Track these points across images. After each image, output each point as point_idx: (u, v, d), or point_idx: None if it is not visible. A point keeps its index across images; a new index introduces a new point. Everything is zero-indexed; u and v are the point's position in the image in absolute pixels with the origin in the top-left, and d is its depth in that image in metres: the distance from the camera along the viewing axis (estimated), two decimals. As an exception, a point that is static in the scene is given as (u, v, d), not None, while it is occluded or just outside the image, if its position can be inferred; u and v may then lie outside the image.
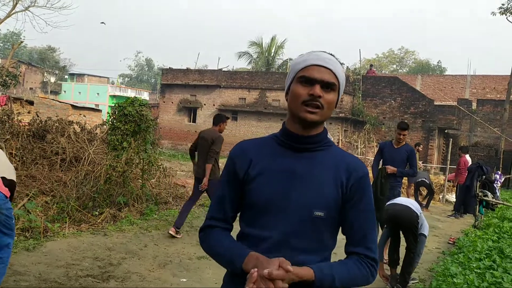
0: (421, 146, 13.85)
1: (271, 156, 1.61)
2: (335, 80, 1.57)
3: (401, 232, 5.45)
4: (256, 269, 1.39)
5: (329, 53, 1.62)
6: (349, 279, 1.50)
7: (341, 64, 1.64)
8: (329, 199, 1.55)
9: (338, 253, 1.74)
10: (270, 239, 1.54)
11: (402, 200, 5.50)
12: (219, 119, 6.79)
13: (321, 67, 1.55)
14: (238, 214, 1.72)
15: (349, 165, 1.60)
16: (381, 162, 6.64)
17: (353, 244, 1.58)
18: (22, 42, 26.07)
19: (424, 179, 12.16)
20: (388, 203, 5.56)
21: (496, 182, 12.94)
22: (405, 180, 10.69)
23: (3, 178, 3.37)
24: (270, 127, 23.76)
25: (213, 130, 6.68)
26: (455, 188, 13.36)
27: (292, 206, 1.54)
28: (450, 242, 8.29)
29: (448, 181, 14.29)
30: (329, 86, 1.55)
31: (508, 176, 20.59)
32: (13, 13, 22.36)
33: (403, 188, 9.45)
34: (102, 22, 23.80)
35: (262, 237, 1.55)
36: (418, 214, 5.22)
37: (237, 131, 25.11)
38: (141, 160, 8.42)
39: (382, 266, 5.50)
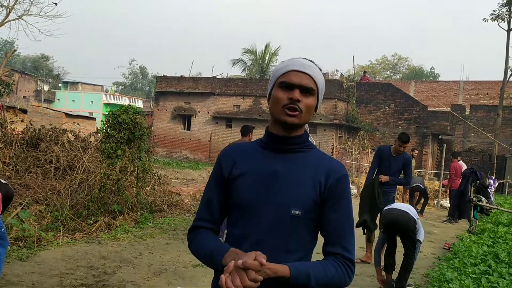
0: (416, 151, 13.94)
1: (254, 158, 1.67)
2: (314, 85, 1.63)
3: (397, 238, 5.46)
4: (233, 261, 1.42)
5: (309, 60, 1.69)
6: (325, 279, 1.52)
7: (321, 69, 1.71)
8: (307, 198, 1.59)
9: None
10: (250, 238, 1.59)
11: (399, 205, 5.51)
12: (248, 129, 7.16)
13: (300, 72, 1.62)
14: None
15: (329, 166, 1.65)
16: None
17: (330, 244, 1.62)
18: (15, 50, 26.03)
19: (418, 184, 12.20)
20: (386, 208, 5.59)
21: (490, 187, 12.97)
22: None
23: None
24: (265, 134, 23.76)
25: (245, 141, 6.93)
26: (448, 193, 13.43)
27: (271, 205, 1.59)
28: (445, 247, 8.30)
29: (443, 186, 14.35)
30: (308, 91, 1.61)
31: (502, 181, 20.68)
32: (6, 22, 22.31)
33: (397, 194, 9.48)
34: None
35: (243, 236, 1.61)
36: (416, 219, 5.24)
37: (232, 138, 25.07)
38: (136, 168, 8.39)
39: (380, 271, 5.50)
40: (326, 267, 1.54)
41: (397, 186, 6.84)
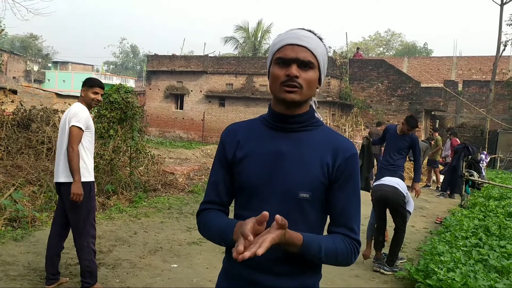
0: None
1: (258, 138, 1.60)
2: (312, 58, 1.51)
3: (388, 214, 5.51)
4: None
5: (307, 30, 1.57)
6: (334, 251, 1.49)
7: (321, 39, 1.58)
8: (315, 180, 1.52)
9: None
10: None
11: (388, 180, 5.49)
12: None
13: (295, 45, 1.51)
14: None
15: (336, 145, 1.57)
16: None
17: (336, 224, 1.57)
18: (3, 30, 25.49)
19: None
20: (376, 183, 5.60)
21: (481, 162, 13.10)
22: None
23: None
24: (258, 113, 23.70)
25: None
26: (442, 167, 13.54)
27: (277, 188, 1.53)
28: (437, 221, 8.41)
29: (441, 164, 14.38)
30: (306, 65, 1.50)
31: (493, 156, 20.88)
32: (-7, 1, 21.81)
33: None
34: None
35: None
36: (404, 194, 5.29)
37: (225, 117, 25.03)
38: (129, 148, 8.36)
39: (369, 244, 5.58)
40: (337, 242, 1.51)
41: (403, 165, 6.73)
